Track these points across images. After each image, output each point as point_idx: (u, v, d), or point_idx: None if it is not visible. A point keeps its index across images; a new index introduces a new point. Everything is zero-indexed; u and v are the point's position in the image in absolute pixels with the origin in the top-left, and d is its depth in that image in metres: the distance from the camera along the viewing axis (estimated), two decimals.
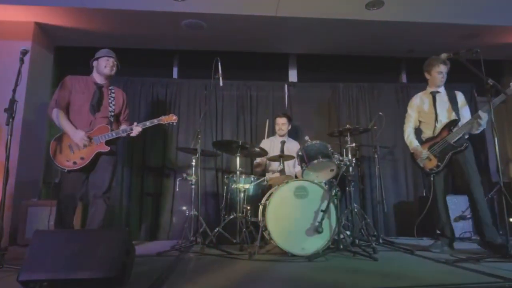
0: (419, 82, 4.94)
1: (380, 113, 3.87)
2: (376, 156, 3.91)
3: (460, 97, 3.28)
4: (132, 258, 2.01)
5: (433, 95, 3.30)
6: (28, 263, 1.76)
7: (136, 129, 3.04)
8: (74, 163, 2.88)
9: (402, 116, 4.50)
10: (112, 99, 3.14)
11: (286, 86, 4.99)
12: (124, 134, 3.03)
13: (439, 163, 3.09)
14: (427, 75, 3.33)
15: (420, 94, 3.44)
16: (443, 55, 2.93)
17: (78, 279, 1.73)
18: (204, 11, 4.08)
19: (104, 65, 3.10)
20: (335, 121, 4.87)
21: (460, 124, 3.10)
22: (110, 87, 3.21)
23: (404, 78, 5.39)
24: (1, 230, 2.42)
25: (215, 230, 3.37)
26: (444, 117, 3.21)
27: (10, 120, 2.48)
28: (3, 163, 2.48)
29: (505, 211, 2.52)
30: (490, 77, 2.66)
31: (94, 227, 2.93)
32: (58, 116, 2.95)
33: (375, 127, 3.94)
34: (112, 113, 3.11)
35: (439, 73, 3.23)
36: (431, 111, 3.27)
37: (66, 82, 3.06)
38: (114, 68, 3.17)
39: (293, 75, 5.27)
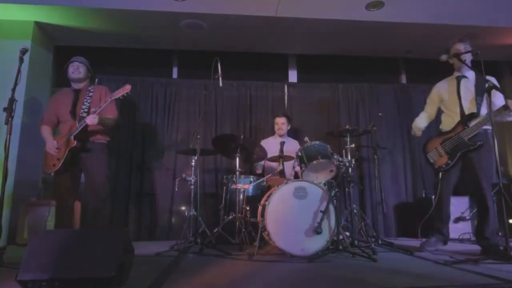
0: (419, 83, 4.97)
1: (380, 114, 3.87)
2: (375, 157, 3.90)
3: (494, 81, 2.83)
4: (131, 258, 2.01)
5: (458, 80, 3.02)
6: (26, 263, 1.75)
7: (90, 116, 2.99)
8: (53, 165, 3.07)
9: (402, 117, 4.52)
10: (88, 98, 3.22)
11: (285, 86, 4.99)
12: (84, 124, 3.01)
13: (449, 161, 2.90)
14: (450, 60, 3.04)
15: (445, 80, 3.17)
16: (443, 56, 2.92)
17: (77, 278, 1.72)
18: (204, 11, 4.08)
19: (72, 71, 3.27)
20: (334, 122, 4.87)
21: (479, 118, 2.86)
22: (90, 88, 3.30)
23: (403, 79, 5.39)
24: (0, 229, 2.42)
25: (214, 231, 3.37)
26: (466, 108, 2.93)
27: (10, 119, 2.48)
28: (2, 162, 2.48)
29: (504, 213, 2.52)
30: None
31: (95, 226, 2.97)
32: (42, 132, 3.27)
33: (375, 128, 3.94)
34: (86, 111, 3.14)
35: (456, 51, 2.97)
36: (453, 99, 3.00)
37: (50, 100, 3.41)
38: (81, 70, 3.27)
39: (292, 76, 5.27)
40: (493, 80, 2.90)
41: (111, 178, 4.23)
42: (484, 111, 2.92)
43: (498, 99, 2.85)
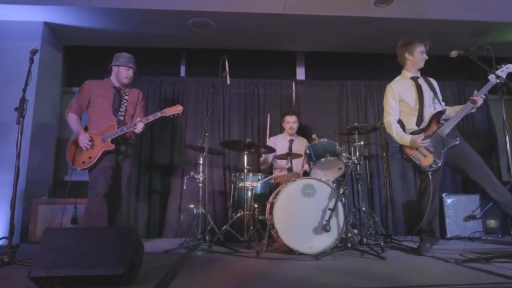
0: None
1: None
2: (384, 154, 3.88)
3: (436, 84, 3.01)
4: (141, 255, 2.03)
5: (415, 81, 2.97)
6: (39, 260, 1.79)
7: (139, 125, 3.01)
8: (83, 162, 2.93)
9: None
10: (125, 100, 3.17)
11: (293, 84, 4.98)
12: (127, 131, 3.01)
13: (437, 160, 2.76)
14: (407, 56, 2.99)
15: (398, 80, 3.08)
16: (454, 52, 2.87)
17: (88, 276, 1.75)
18: (212, 9, 4.08)
19: (125, 76, 3.14)
20: (343, 119, 4.85)
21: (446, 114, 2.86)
22: (126, 90, 3.24)
23: None
24: (13, 227, 2.46)
25: (223, 228, 3.38)
26: (431, 107, 2.90)
27: (21, 119, 2.52)
28: (14, 162, 2.52)
29: None
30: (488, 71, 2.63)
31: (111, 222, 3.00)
32: (71, 121, 3.07)
33: (383, 125, 3.91)
34: (123, 113, 3.13)
35: (422, 53, 2.95)
36: (414, 100, 2.93)
37: (84, 88, 3.13)
38: (131, 77, 3.21)
39: (300, 73, 5.25)
40: (434, 81, 3.02)
41: None
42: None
43: (440, 96, 2.95)
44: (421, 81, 2.99)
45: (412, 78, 2.99)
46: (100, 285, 1.77)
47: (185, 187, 4.02)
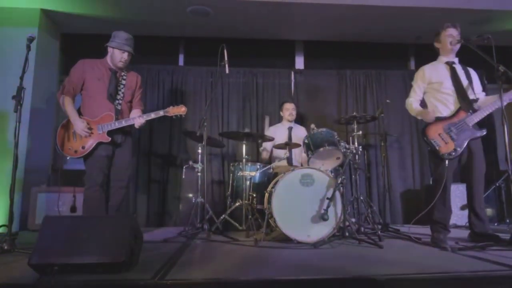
0: None
1: (388, 100, 3.84)
2: (382, 144, 3.88)
3: (474, 74, 2.96)
4: (140, 244, 2.05)
5: (451, 66, 2.91)
6: (38, 248, 1.80)
7: (138, 120, 2.91)
8: (75, 151, 2.83)
9: None
10: (122, 85, 3.03)
11: (292, 73, 4.95)
12: (126, 124, 2.92)
13: (458, 148, 2.69)
14: (436, 44, 2.99)
15: (432, 63, 3.02)
16: (454, 41, 2.87)
17: (87, 263, 1.76)
18: None
19: (119, 59, 2.98)
20: (342, 109, 4.84)
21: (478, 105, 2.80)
22: (123, 73, 3.08)
23: (412, 65, 5.31)
24: (12, 215, 2.47)
25: (221, 217, 3.41)
26: (463, 94, 2.82)
27: (19, 107, 2.50)
28: (12, 150, 2.51)
29: None
30: (501, 64, 2.61)
31: (113, 210, 2.96)
32: (63, 103, 2.91)
33: (382, 114, 3.91)
34: (121, 101, 3.00)
35: (449, 36, 2.88)
36: (447, 84, 2.87)
37: (77, 68, 2.96)
38: (128, 61, 3.04)
39: (299, 62, 5.22)
40: (474, 73, 2.96)
41: None
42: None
43: (480, 92, 2.92)
44: (457, 67, 2.93)
45: (447, 62, 2.94)
46: (100, 273, 1.78)
47: (184, 177, 4.02)
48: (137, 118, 2.93)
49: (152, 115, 2.97)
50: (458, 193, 4.10)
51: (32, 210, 3.77)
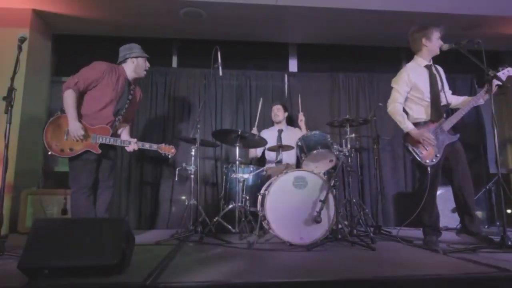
0: None
1: (380, 103, 3.85)
2: (375, 146, 3.91)
3: (443, 73, 2.94)
4: (132, 246, 2.03)
5: (430, 69, 2.87)
6: (28, 251, 1.77)
7: (132, 146, 2.91)
8: (62, 150, 2.73)
9: None
10: (128, 101, 3.02)
11: (286, 76, 4.97)
12: (119, 145, 2.92)
13: (437, 154, 2.73)
14: (424, 42, 2.86)
15: (412, 66, 2.94)
16: (445, 46, 2.89)
17: (78, 266, 1.74)
18: None
19: (145, 68, 3.05)
20: (335, 112, 4.86)
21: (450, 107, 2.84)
22: (132, 86, 3.07)
23: None
24: (1, 218, 2.43)
25: (214, 220, 3.39)
26: (442, 98, 2.83)
27: (9, 108, 2.47)
28: (2, 152, 2.48)
29: (502, 202, 2.53)
30: (490, 69, 2.65)
31: (101, 213, 2.89)
32: (68, 96, 2.74)
33: (375, 117, 3.93)
34: (121, 116, 2.98)
35: (438, 38, 2.84)
36: (424, 88, 2.83)
37: (98, 68, 2.84)
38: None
39: (293, 65, 5.24)
40: (442, 71, 2.95)
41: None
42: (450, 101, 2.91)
43: (449, 91, 2.93)
44: (434, 70, 2.90)
45: (426, 66, 2.89)
46: (91, 276, 1.76)
47: (176, 179, 4.01)
48: (133, 144, 2.92)
49: (146, 146, 2.97)
50: (449, 196, 4.06)
51: (22, 212, 3.72)
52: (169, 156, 3.05)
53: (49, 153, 2.73)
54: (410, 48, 3.03)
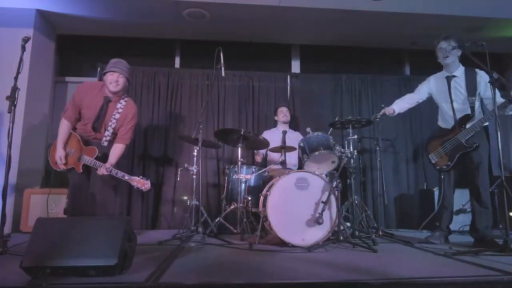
0: (423, 74, 4.90)
1: (383, 105, 3.83)
2: (377, 148, 3.90)
3: (481, 79, 2.97)
4: (134, 246, 2.03)
5: (448, 81, 3.05)
6: (31, 250, 1.78)
7: (102, 171, 2.87)
8: (55, 163, 2.98)
9: None
10: (114, 118, 3.01)
11: (288, 77, 4.96)
12: (95, 166, 2.91)
13: (449, 163, 3.00)
14: (438, 58, 3.13)
15: (437, 77, 3.20)
16: (445, 53, 2.93)
17: (80, 266, 1.75)
18: (207, 0, 4.04)
19: (109, 81, 2.95)
20: (337, 113, 4.85)
21: (475, 118, 2.93)
22: (121, 100, 3.06)
23: (407, 71, 5.35)
24: (4, 217, 2.45)
25: (216, 220, 3.40)
26: (459, 110, 3.00)
27: (12, 107, 2.48)
28: (6, 151, 2.49)
29: (505, 205, 2.52)
30: (494, 71, 2.64)
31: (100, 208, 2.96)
32: (60, 126, 3.00)
33: (377, 119, 3.92)
34: (108, 138, 3.03)
35: (439, 49, 3.04)
36: (444, 99, 3.09)
37: (75, 96, 3.00)
38: (120, 82, 2.97)
39: (296, 66, 5.24)
40: (482, 75, 2.98)
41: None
42: (478, 109, 3.03)
43: (485, 91, 2.98)
44: (455, 81, 3.06)
45: (447, 77, 3.09)
46: (92, 276, 1.77)
47: (179, 179, 4.01)
48: (103, 169, 2.88)
49: (119, 175, 2.91)
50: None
51: (25, 212, 3.73)
52: (143, 190, 2.94)
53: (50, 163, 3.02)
54: (412, 50, 3.11)
